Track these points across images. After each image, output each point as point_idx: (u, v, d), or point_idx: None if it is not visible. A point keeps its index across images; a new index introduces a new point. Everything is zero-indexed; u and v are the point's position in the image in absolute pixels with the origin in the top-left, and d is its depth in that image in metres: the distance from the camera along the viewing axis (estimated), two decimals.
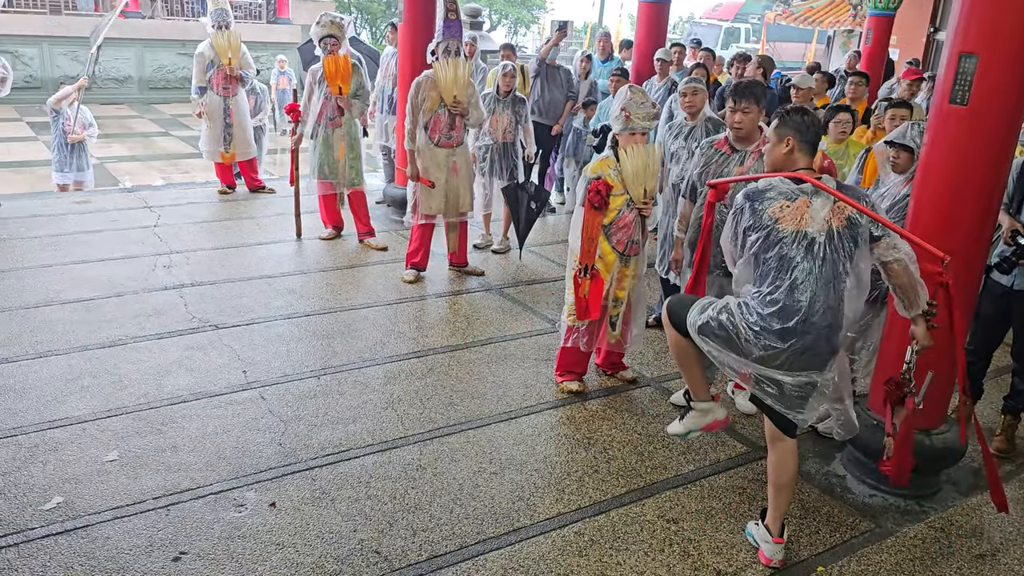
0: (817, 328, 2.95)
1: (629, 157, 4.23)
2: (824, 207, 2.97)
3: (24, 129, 15.76)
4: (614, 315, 4.55)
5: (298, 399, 4.35)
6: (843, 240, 2.95)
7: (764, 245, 3.00)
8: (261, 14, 22.51)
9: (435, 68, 5.80)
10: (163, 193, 8.72)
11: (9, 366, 4.49)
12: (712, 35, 26.92)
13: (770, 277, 3.00)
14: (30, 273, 5.89)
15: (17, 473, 3.54)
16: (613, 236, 4.35)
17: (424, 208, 6.05)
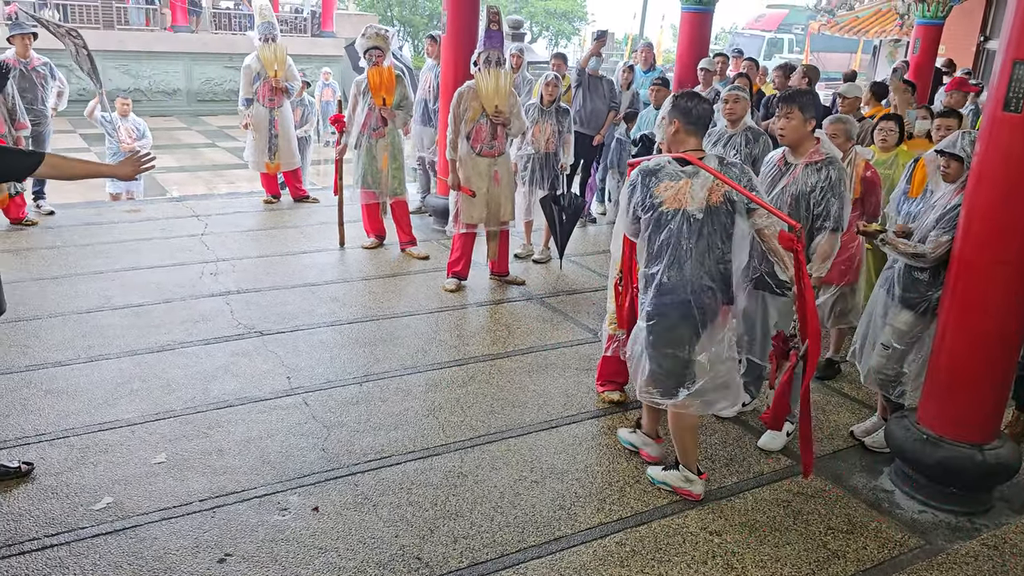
0: (699, 291, 3.39)
1: None
2: (704, 187, 3.37)
3: (78, 141, 16.21)
4: None
5: (341, 405, 4.39)
6: (719, 215, 3.38)
7: (654, 225, 3.42)
8: (306, 27, 22.91)
9: (477, 78, 5.85)
10: (210, 202, 8.89)
11: (62, 369, 4.61)
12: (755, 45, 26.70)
13: (657, 255, 3.43)
14: (83, 279, 6.05)
15: (69, 473, 3.63)
16: None
17: (465, 217, 6.08)
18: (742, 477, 3.95)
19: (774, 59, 25.30)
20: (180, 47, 20.42)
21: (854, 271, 4.94)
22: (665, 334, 3.48)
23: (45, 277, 6.06)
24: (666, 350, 3.49)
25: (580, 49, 20.35)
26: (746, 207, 3.41)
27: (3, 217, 7.16)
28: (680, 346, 3.46)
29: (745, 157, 5.02)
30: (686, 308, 3.41)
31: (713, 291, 3.42)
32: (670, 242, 3.40)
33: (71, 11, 20.54)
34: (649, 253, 3.48)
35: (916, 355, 3.99)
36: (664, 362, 3.51)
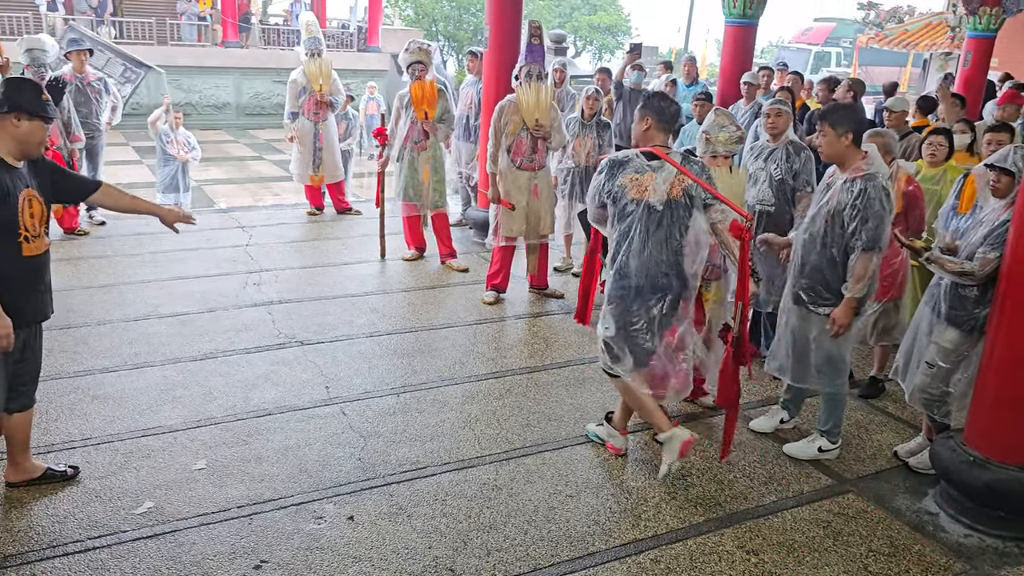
0: (658, 276, 3.69)
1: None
2: (666, 180, 3.66)
3: (130, 153, 16.62)
4: None
5: (378, 415, 4.42)
6: (678, 208, 3.68)
7: (619, 213, 3.73)
8: (352, 42, 23.25)
9: (518, 92, 5.88)
10: (255, 214, 9.06)
11: (109, 376, 4.72)
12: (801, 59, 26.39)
13: (619, 242, 3.73)
14: (131, 288, 6.19)
15: (112, 478, 3.71)
16: None
17: (505, 230, 6.10)
18: (780, 496, 3.88)
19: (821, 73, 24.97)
20: (230, 62, 20.86)
21: (897, 287, 4.84)
22: (623, 316, 3.79)
23: (95, 285, 6.22)
24: (625, 331, 3.80)
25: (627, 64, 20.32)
26: (703, 202, 3.72)
27: (57, 227, 7.37)
28: (637, 328, 3.77)
29: (786, 171, 4.96)
30: (643, 292, 3.73)
31: (669, 278, 3.72)
32: (631, 230, 3.71)
33: (126, 28, 21.14)
34: (614, 242, 3.78)
35: (962, 374, 3.89)
36: (623, 343, 3.81)
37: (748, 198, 5.00)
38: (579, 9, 38.47)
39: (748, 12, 8.46)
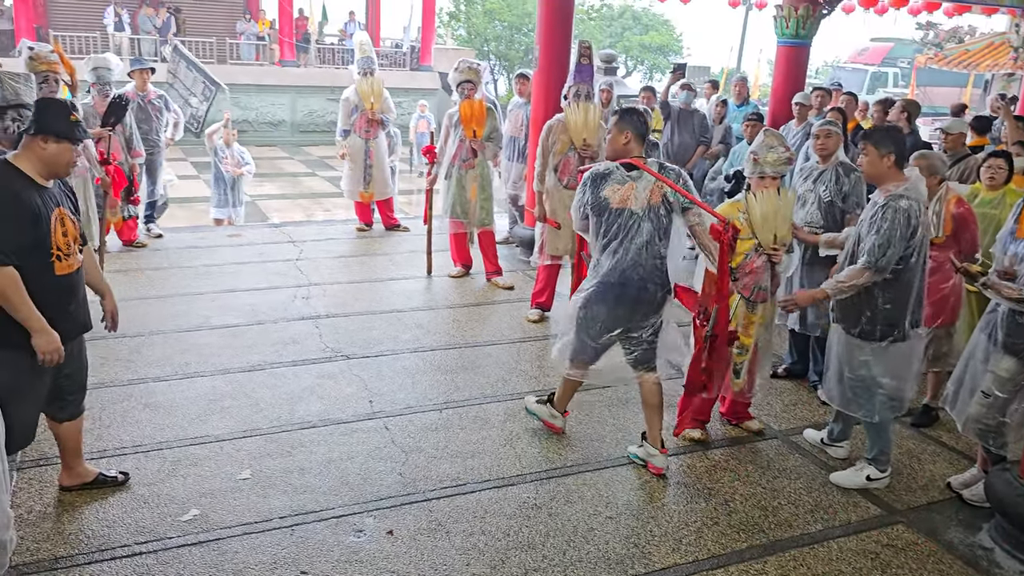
0: (636, 279, 3.91)
1: (758, 201, 4.18)
2: (646, 188, 3.91)
3: (188, 168, 17.10)
4: (739, 363, 4.42)
5: (420, 431, 4.44)
6: (658, 213, 3.92)
7: (602, 223, 3.96)
8: (405, 62, 23.63)
9: (566, 111, 5.91)
10: (306, 229, 9.22)
11: (160, 384, 4.83)
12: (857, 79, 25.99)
13: (603, 248, 3.97)
14: (184, 300, 6.35)
15: (161, 484, 3.79)
16: (740, 281, 4.27)
17: (551, 248, 6.11)
18: (827, 524, 3.80)
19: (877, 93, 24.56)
20: (286, 80, 21.36)
21: (949, 312, 4.72)
22: (598, 313, 4.03)
23: (150, 296, 6.39)
24: (593, 328, 4.06)
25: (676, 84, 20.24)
26: (681, 206, 3.94)
27: (116, 238, 7.60)
28: (607, 325, 4.04)
29: (835, 193, 4.89)
30: (619, 297, 3.97)
31: (644, 280, 3.95)
32: (615, 236, 3.94)
33: (189, 47, 21.79)
34: (598, 246, 4.03)
35: (1019, 404, 3.76)
36: (589, 339, 4.09)
37: (796, 220, 4.93)
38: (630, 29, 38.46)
39: (801, 32, 8.39)
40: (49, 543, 3.34)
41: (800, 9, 8.22)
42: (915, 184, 3.86)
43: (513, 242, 8.33)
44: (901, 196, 3.78)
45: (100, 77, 7.02)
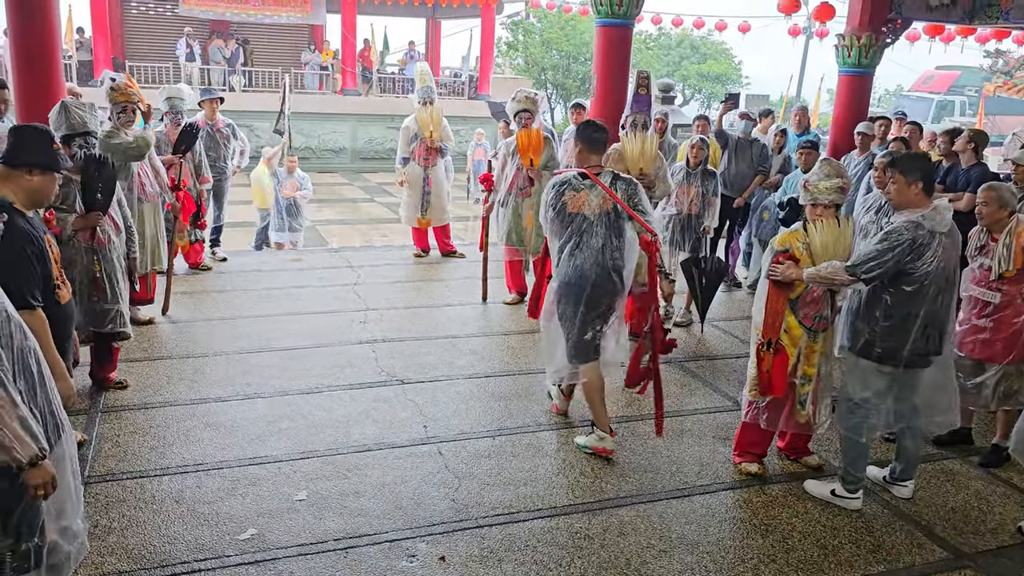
0: (594, 277, 4.31)
1: (818, 230, 4.10)
2: (599, 195, 4.33)
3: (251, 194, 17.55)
4: (803, 394, 4.26)
5: (473, 457, 4.46)
6: (610, 218, 4.34)
7: (563, 224, 4.35)
8: (463, 90, 23.98)
9: (622, 141, 5.93)
10: (365, 254, 9.38)
11: (222, 404, 4.95)
12: (922, 108, 25.46)
13: (562, 249, 4.36)
14: (246, 322, 6.51)
15: (220, 503, 3.87)
16: (801, 310, 4.18)
17: None
18: (890, 567, 3.68)
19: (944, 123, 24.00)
20: (348, 109, 21.85)
21: (1021, 348, 4.55)
22: (570, 310, 4.40)
23: (214, 318, 6.57)
24: (568, 327, 4.43)
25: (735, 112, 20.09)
26: (626, 216, 4.37)
27: (183, 261, 7.84)
28: (579, 321, 4.39)
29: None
30: (583, 291, 4.33)
31: (602, 279, 4.33)
32: (572, 239, 4.33)
33: (255, 76, 22.51)
34: (557, 248, 4.41)
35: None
36: (570, 335, 4.44)
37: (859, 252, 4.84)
38: (688, 58, 38.46)
39: (864, 61, 8.30)
40: (114, 557, 3.44)
41: (863, 38, 8.13)
42: (937, 212, 3.81)
43: None
44: (915, 223, 3.77)
45: (173, 106, 7.29)
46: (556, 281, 4.46)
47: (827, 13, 12.79)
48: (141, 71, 20.75)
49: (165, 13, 22.72)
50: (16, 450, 2.34)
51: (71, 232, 4.49)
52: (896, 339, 3.86)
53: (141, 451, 4.34)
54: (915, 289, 3.78)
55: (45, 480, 2.43)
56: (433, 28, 25.92)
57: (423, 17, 25.38)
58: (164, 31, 22.73)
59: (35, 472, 2.39)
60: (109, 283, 4.72)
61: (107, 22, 20.70)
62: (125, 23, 22.64)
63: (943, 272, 3.80)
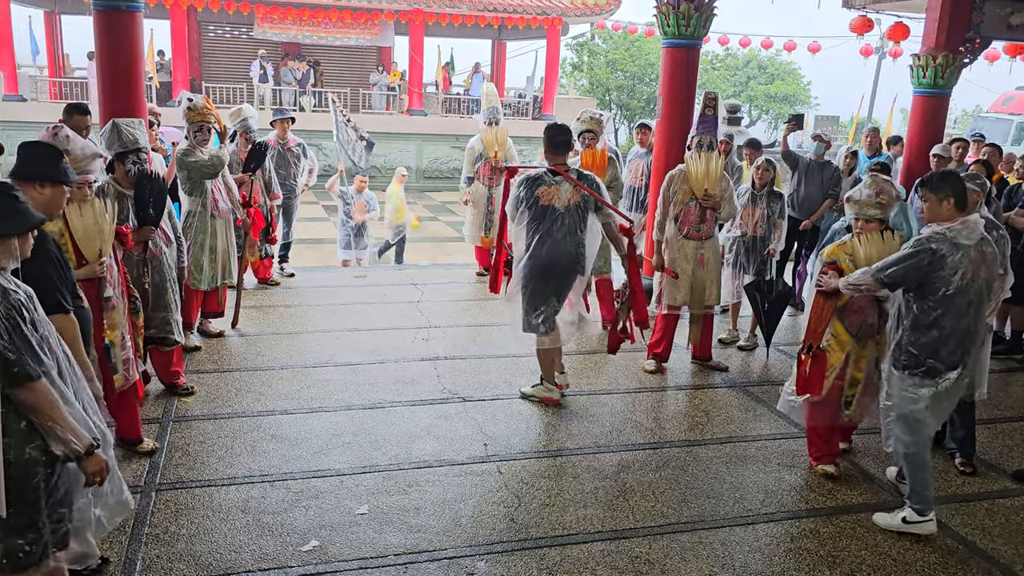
0: (561, 259, 5.08)
1: (863, 244, 4.32)
2: (567, 191, 5.05)
3: (319, 211, 17.97)
4: (849, 395, 4.53)
5: (533, 477, 4.45)
6: (578, 210, 5.08)
7: (534, 215, 5.05)
8: (528, 111, 24.14)
9: (688, 161, 5.89)
10: (428, 272, 9.48)
11: (288, 417, 5.05)
12: (1001, 130, 24.55)
13: (533, 235, 5.05)
14: (312, 337, 6.63)
15: (284, 514, 3.94)
16: (847, 319, 4.42)
17: (669, 299, 6.06)
18: None
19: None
20: (413, 128, 22.23)
21: None
22: (537, 288, 5.13)
23: (281, 332, 6.71)
24: (535, 300, 5.16)
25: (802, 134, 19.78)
26: (594, 205, 5.09)
27: (252, 276, 8.05)
28: (545, 298, 5.16)
29: None
30: (550, 272, 5.09)
31: (570, 261, 5.10)
32: (542, 227, 5.04)
33: (324, 97, 23.07)
34: (528, 235, 5.08)
35: None
36: (533, 309, 5.18)
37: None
38: (755, 78, 37.99)
39: (940, 82, 8.07)
40: (182, 563, 3.53)
41: (939, 58, 7.92)
42: (966, 226, 3.89)
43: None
44: (940, 234, 3.87)
45: (245, 126, 7.52)
46: (526, 263, 5.09)
47: (901, 33, 12.51)
48: (217, 92, 21.49)
49: (240, 36, 23.53)
50: (74, 442, 2.56)
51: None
52: (929, 351, 3.94)
53: (209, 460, 4.45)
54: (942, 299, 3.88)
55: (100, 467, 2.66)
56: (498, 49, 26.21)
57: (489, 39, 25.69)
58: (239, 53, 23.52)
59: (92, 460, 2.63)
60: (157, 293, 4.90)
61: (186, 45, 21.53)
62: (203, 46, 23.50)
63: (972, 285, 3.89)
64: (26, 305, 2.55)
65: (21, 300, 2.53)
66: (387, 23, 22.35)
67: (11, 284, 2.56)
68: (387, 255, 12.09)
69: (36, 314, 2.59)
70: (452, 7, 22.18)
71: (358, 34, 22.34)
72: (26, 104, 19.94)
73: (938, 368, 3.93)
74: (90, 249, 3.89)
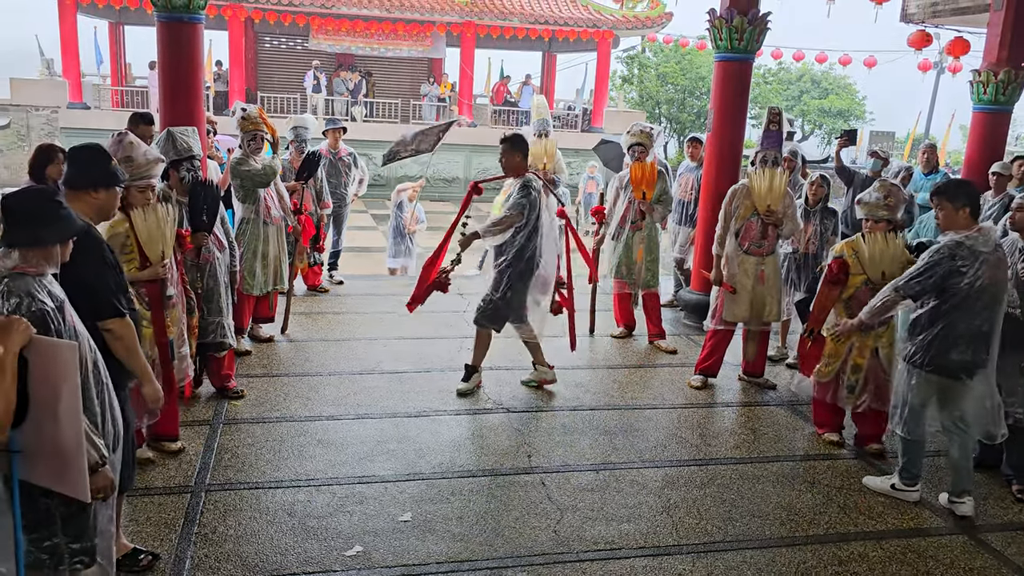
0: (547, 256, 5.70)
1: (867, 243, 4.86)
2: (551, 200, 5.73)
3: (368, 220, 18.19)
4: (852, 380, 4.99)
5: (576, 490, 4.43)
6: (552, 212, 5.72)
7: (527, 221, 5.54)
8: (577, 123, 24.17)
9: (751, 177, 5.87)
10: (473, 282, 9.52)
11: (335, 423, 5.11)
12: None
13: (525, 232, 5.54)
14: (359, 344, 6.71)
15: (329, 518, 3.99)
16: (850, 308, 4.89)
17: (727, 314, 6.01)
18: None
19: None
20: (462, 139, 22.36)
21: None
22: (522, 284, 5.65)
23: (329, 339, 6.81)
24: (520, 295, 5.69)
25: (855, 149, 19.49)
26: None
27: (303, 283, 8.18)
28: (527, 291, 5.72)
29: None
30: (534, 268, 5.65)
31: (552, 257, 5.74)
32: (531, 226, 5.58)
33: (375, 108, 23.41)
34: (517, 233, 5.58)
35: None
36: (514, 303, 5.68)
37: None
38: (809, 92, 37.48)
39: (1001, 98, 7.90)
40: (229, 564, 3.59)
41: (1000, 74, 7.75)
42: (982, 233, 4.13)
43: (678, 305, 8.22)
44: (958, 242, 4.10)
45: (298, 135, 7.66)
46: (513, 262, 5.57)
47: (961, 48, 12.25)
48: (271, 101, 21.93)
49: (295, 47, 24.01)
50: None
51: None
52: (941, 349, 4.17)
53: (257, 463, 4.53)
54: (958, 303, 4.09)
55: (105, 484, 2.65)
56: (548, 61, 26.31)
57: (539, 51, 25.80)
58: (293, 64, 24.01)
59: (96, 477, 2.59)
60: (210, 297, 5.01)
61: (243, 55, 22.04)
62: (259, 56, 24.04)
63: (988, 289, 4.08)
64: (52, 316, 2.53)
65: (47, 311, 2.52)
66: (439, 35, 22.60)
67: (44, 293, 2.55)
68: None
69: (63, 325, 2.57)
70: (503, 20, 22.34)
71: (410, 46, 22.64)
72: (89, 112, 20.60)
73: (948, 367, 4.17)
74: (154, 251, 4.03)
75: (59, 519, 2.62)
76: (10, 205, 2.60)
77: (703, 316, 7.54)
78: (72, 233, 2.71)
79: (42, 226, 2.59)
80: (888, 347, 4.98)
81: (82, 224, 2.82)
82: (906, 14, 12.02)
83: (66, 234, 2.68)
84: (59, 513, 2.62)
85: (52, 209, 2.64)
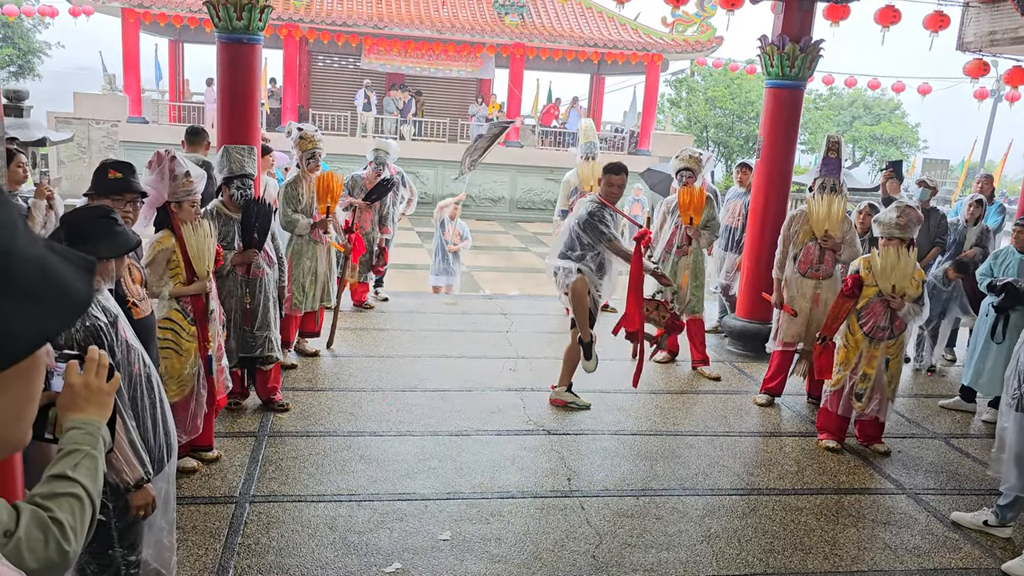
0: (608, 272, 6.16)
1: (881, 256, 5.17)
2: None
3: (414, 237, 18.36)
4: (861, 388, 5.30)
5: (616, 515, 4.41)
6: None
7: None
8: (624, 145, 24.15)
9: (809, 203, 5.98)
10: (517, 302, 9.56)
11: (376, 439, 5.17)
12: None
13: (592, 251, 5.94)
14: (403, 361, 6.78)
15: (370, 534, 4.02)
16: (861, 319, 5.24)
17: (786, 335, 6.18)
18: None
19: None
20: (508, 159, 22.53)
21: None
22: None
23: (374, 355, 6.89)
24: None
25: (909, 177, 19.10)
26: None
27: (349, 299, 8.29)
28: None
29: None
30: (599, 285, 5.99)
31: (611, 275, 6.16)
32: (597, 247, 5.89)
33: (424, 127, 23.69)
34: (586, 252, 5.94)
35: None
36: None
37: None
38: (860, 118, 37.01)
39: None
40: (271, 575, 3.64)
41: None
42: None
43: (722, 332, 8.15)
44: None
45: (378, 158, 7.85)
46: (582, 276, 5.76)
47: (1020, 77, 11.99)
48: (322, 119, 22.34)
49: (347, 66, 24.46)
50: (125, 472, 2.61)
51: (230, 267, 4.92)
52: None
53: (300, 476, 4.59)
54: None
55: (147, 501, 2.70)
56: (597, 83, 26.38)
57: (588, 73, 25.89)
58: (345, 82, 24.46)
59: (139, 494, 2.66)
60: (256, 313, 5.12)
61: (296, 74, 22.52)
62: (312, 75, 24.54)
63: None
64: (105, 331, 2.59)
65: (100, 325, 2.58)
66: (488, 56, 22.83)
67: (98, 308, 2.62)
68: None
69: (115, 339, 2.64)
70: (553, 43, 22.49)
71: (460, 66, 22.91)
72: (147, 126, 21.21)
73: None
74: (201, 266, 4.14)
75: (115, 532, 2.70)
76: (71, 221, 2.72)
77: (748, 343, 7.51)
78: (128, 248, 2.82)
79: (99, 241, 2.70)
80: (896, 358, 5.28)
81: (137, 239, 2.92)
82: (963, 42, 11.81)
83: (121, 249, 2.78)
84: (115, 525, 2.69)
85: (108, 225, 2.75)
